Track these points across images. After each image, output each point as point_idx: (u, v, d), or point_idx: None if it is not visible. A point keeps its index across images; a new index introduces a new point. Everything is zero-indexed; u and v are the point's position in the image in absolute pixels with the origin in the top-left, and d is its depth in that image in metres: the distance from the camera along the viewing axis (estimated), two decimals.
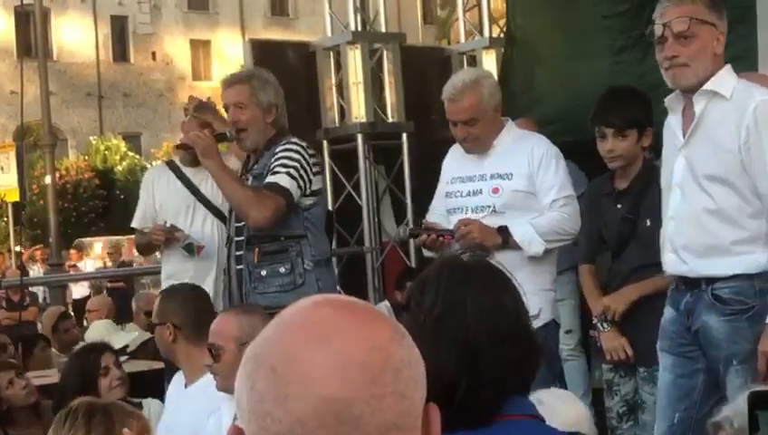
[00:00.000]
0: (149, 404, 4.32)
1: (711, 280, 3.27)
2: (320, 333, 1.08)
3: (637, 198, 4.01)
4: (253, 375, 1.09)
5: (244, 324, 3.33)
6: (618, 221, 4.08)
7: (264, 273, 4.20)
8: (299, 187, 4.18)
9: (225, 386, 3.32)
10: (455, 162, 4.25)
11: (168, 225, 4.91)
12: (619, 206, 4.09)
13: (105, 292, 14.87)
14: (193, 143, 4.37)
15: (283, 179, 4.14)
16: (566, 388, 3.84)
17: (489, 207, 4.01)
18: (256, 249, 4.22)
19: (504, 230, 3.94)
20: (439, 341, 1.15)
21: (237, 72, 4.61)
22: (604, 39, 5.92)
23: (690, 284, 3.35)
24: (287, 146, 4.23)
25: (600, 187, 4.24)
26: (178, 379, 3.95)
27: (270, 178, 4.16)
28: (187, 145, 4.48)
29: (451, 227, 4.04)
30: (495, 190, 4.02)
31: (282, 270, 4.19)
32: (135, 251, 27.91)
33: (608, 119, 4.04)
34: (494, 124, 4.07)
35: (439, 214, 4.22)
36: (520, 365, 1.79)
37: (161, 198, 5.03)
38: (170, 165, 5.17)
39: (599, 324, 4.06)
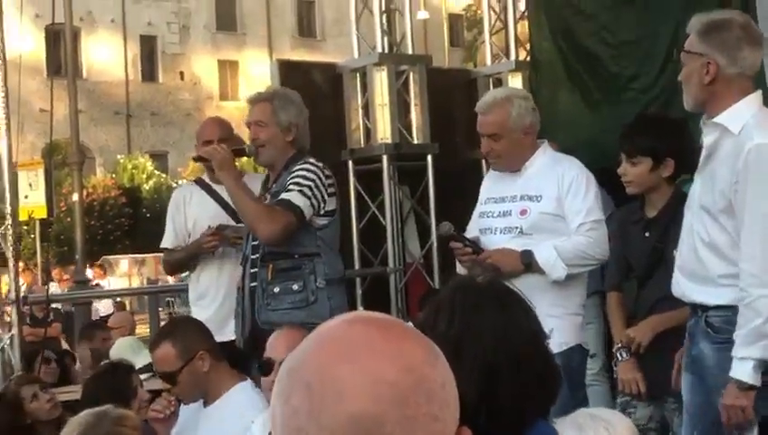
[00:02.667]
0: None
1: (705, 307, 3.29)
2: (353, 350, 1.09)
3: (665, 227, 3.96)
4: (287, 390, 1.10)
5: (299, 339, 3.32)
6: (645, 250, 4.05)
7: (276, 290, 4.22)
8: (311, 205, 4.22)
9: None
10: (491, 182, 4.25)
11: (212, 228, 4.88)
12: (647, 234, 4.07)
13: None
14: (210, 156, 4.41)
15: (295, 197, 4.19)
16: None
17: (516, 228, 4.00)
18: (270, 266, 4.25)
19: (527, 254, 3.93)
20: (457, 366, 1.14)
21: (262, 91, 4.66)
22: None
23: (692, 307, 3.38)
24: (303, 165, 4.29)
25: (630, 214, 4.22)
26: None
27: (283, 195, 4.21)
28: (205, 158, 4.50)
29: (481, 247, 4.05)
30: (523, 212, 4.00)
31: (294, 287, 4.21)
32: (161, 269, 27.93)
33: (622, 143, 4.07)
34: (521, 145, 4.04)
35: (472, 236, 4.22)
36: (539, 388, 1.77)
37: (194, 216, 5.01)
38: (199, 183, 5.17)
39: (618, 353, 4.04)
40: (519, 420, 1.72)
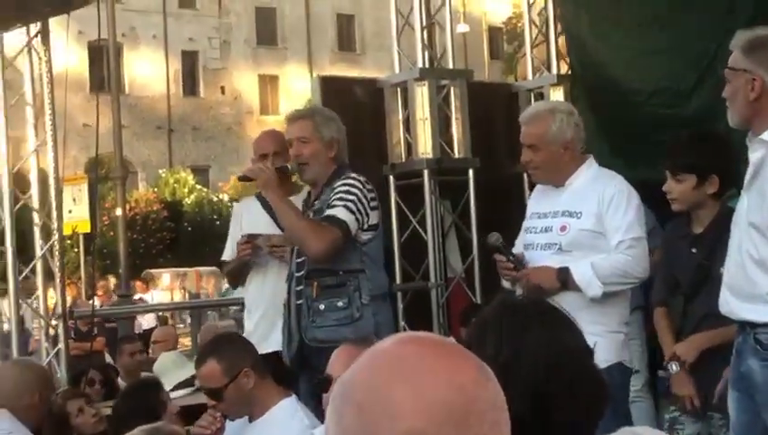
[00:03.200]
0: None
1: (753, 324, 3.25)
2: (405, 371, 1.10)
3: (712, 243, 3.92)
4: (340, 410, 1.11)
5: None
6: (692, 266, 4.02)
7: (322, 307, 4.24)
8: (356, 220, 4.24)
9: None
10: (537, 197, 4.26)
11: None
12: (693, 250, 4.04)
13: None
14: (254, 175, 4.45)
15: (340, 212, 4.21)
16: None
17: (556, 244, 3.99)
18: (315, 283, 4.27)
19: (563, 271, 3.91)
20: (508, 388, 1.15)
21: (300, 109, 4.73)
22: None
23: (740, 325, 3.35)
24: (346, 181, 4.31)
25: (677, 229, 4.19)
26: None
27: (328, 212, 4.23)
28: (249, 177, 4.53)
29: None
30: (563, 228, 3.99)
31: (339, 304, 4.23)
32: (202, 283, 27.98)
33: (666, 160, 4.05)
34: (559, 158, 4.03)
35: (519, 252, 4.21)
36: (590, 404, 1.77)
37: (247, 229, 5.02)
38: (259, 197, 5.14)
39: (669, 366, 4.01)
40: None
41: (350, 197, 4.25)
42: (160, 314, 16.57)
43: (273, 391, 3.81)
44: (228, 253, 5.15)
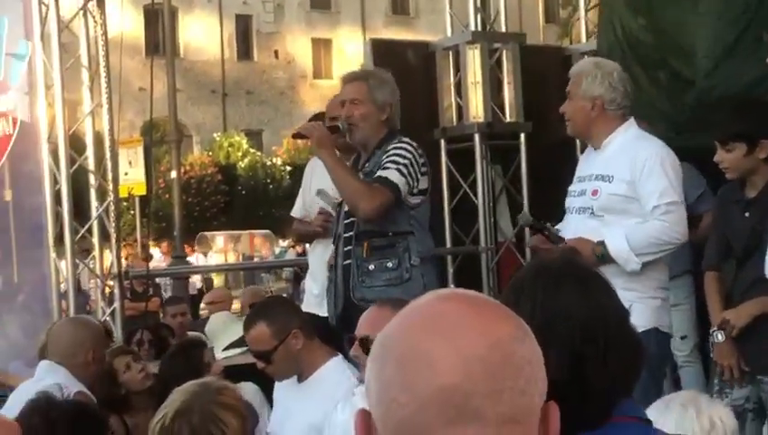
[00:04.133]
0: (245, 387, 4.41)
1: None
2: (443, 327, 1.13)
3: (766, 207, 3.90)
4: (381, 362, 1.15)
5: (388, 318, 3.37)
6: (745, 230, 3.99)
7: (371, 267, 4.28)
8: (407, 183, 4.27)
9: None
10: (581, 160, 4.28)
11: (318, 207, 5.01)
12: (747, 214, 4.00)
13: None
14: (308, 133, 4.47)
15: (393, 175, 4.24)
16: None
17: (588, 208, 3.98)
18: (365, 244, 4.31)
19: (600, 245, 3.88)
20: (545, 350, 1.17)
21: (356, 70, 4.74)
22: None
23: None
24: (399, 145, 4.33)
25: (731, 193, 4.15)
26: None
27: (380, 173, 4.26)
28: (303, 134, 4.56)
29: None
30: (594, 192, 3.98)
31: (389, 265, 4.27)
32: (256, 246, 28.18)
33: (714, 132, 4.01)
34: (586, 114, 4.03)
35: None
36: (626, 368, 1.78)
37: (317, 185, 5.05)
38: None
39: (714, 335, 3.99)
40: (609, 399, 1.73)
41: (403, 160, 4.28)
42: (206, 276, 16.72)
43: (321, 352, 3.87)
44: (298, 209, 5.30)
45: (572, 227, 4.03)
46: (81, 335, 4.34)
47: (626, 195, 3.90)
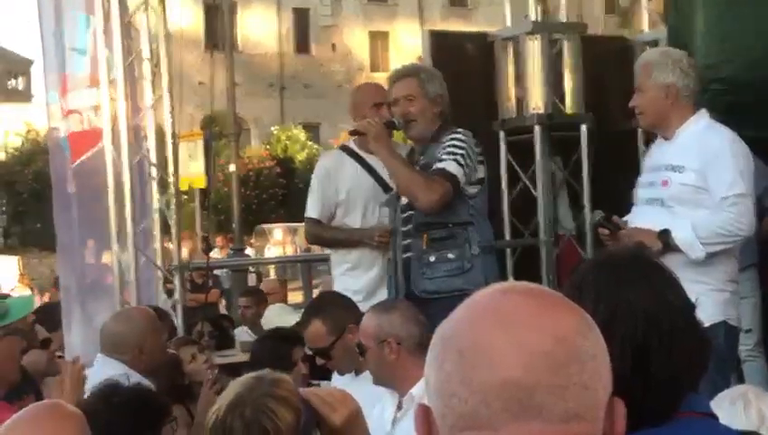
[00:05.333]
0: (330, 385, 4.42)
1: None
2: (507, 320, 1.11)
3: None
4: (441, 356, 1.13)
5: (382, 322, 3.41)
6: None
7: (432, 258, 4.29)
8: (465, 174, 4.29)
9: (377, 380, 3.41)
10: (651, 151, 4.24)
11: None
12: None
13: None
14: (365, 130, 4.50)
15: (450, 166, 4.26)
16: None
17: (658, 199, 3.94)
18: (425, 236, 4.32)
19: (664, 233, 3.83)
20: (608, 345, 1.15)
21: (403, 67, 4.75)
22: None
23: None
24: (455, 135, 4.36)
25: None
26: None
27: (438, 165, 4.28)
28: (360, 131, 4.58)
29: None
30: (665, 183, 3.93)
31: (450, 256, 4.27)
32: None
33: None
34: (658, 105, 3.97)
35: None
36: (692, 361, 1.74)
37: (347, 188, 4.95)
38: (347, 150, 5.09)
39: None
40: (674, 393, 1.70)
41: (459, 151, 4.29)
42: (253, 270, 16.70)
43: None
44: (317, 210, 4.97)
45: (641, 218, 3.98)
46: (124, 331, 4.25)
47: (696, 185, 3.84)
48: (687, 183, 3.86)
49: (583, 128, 7.24)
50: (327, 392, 2.47)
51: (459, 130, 4.40)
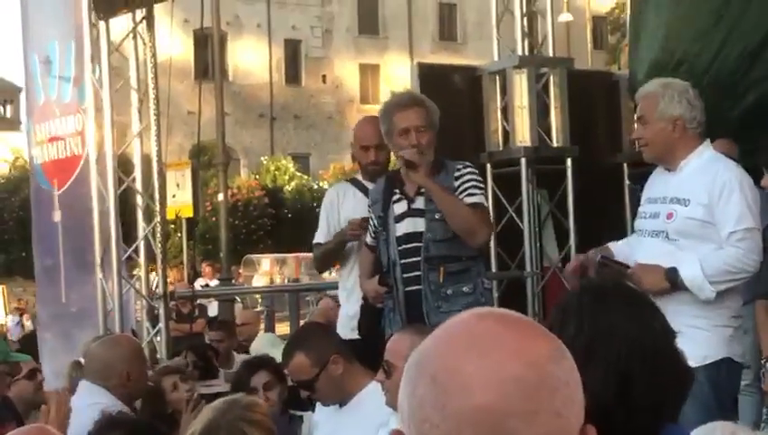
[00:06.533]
0: (309, 418, 4.41)
1: None
2: (480, 345, 1.11)
3: None
4: (414, 381, 1.12)
5: (417, 344, 3.36)
6: None
7: (449, 292, 4.27)
8: None
9: (394, 402, 3.37)
10: (651, 181, 4.16)
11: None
12: None
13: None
14: (419, 162, 4.29)
15: (483, 201, 4.36)
16: None
17: (663, 232, 3.90)
18: (441, 269, 4.28)
19: (673, 271, 3.77)
20: (591, 369, 1.15)
21: (412, 94, 4.70)
22: None
23: None
24: (470, 169, 4.40)
25: None
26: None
27: (473, 199, 4.30)
28: (415, 163, 4.32)
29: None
30: (669, 215, 3.88)
31: (465, 289, 4.28)
32: (301, 269, 28.11)
33: (760, 156, 3.94)
34: (667, 136, 3.91)
35: (632, 240, 4.16)
36: (673, 387, 1.75)
37: (348, 214, 5.00)
38: (354, 182, 5.18)
39: (766, 365, 3.90)
40: (654, 421, 1.71)
41: (481, 184, 4.40)
42: (240, 299, 16.73)
43: (361, 375, 3.85)
44: (323, 236, 5.12)
45: (645, 251, 3.95)
46: (112, 356, 4.28)
47: (703, 219, 3.79)
48: (694, 217, 3.82)
49: (569, 161, 7.27)
50: None
51: (468, 163, 4.45)
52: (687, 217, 3.82)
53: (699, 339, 3.66)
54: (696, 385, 3.78)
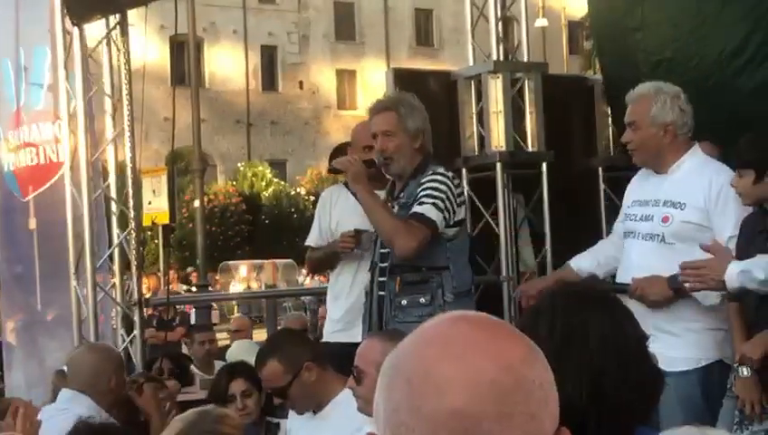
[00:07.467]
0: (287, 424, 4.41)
1: None
2: (454, 348, 1.11)
3: None
4: (389, 385, 1.13)
5: (387, 350, 3.34)
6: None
7: (404, 302, 4.19)
8: (444, 218, 4.17)
9: (366, 409, 3.36)
10: (638, 184, 4.17)
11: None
12: None
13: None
14: (344, 168, 4.40)
15: (429, 211, 4.13)
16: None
17: (658, 235, 3.90)
18: (398, 278, 4.22)
19: (674, 279, 3.77)
20: (563, 368, 1.15)
21: (385, 99, 4.60)
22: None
23: None
24: (434, 177, 4.23)
25: (755, 223, 4.09)
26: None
27: (417, 208, 4.15)
28: (339, 169, 4.48)
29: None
30: (665, 219, 3.89)
31: (422, 301, 4.16)
32: (278, 275, 28.12)
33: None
34: (658, 141, 3.94)
35: (613, 241, 4.13)
36: (645, 389, 1.76)
37: (338, 217, 4.99)
38: (347, 185, 5.07)
39: (738, 369, 3.92)
40: (629, 420, 1.72)
41: (439, 194, 4.16)
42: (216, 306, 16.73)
43: (336, 382, 3.83)
44: (314, 238, 5.09)
45: (638, 253, 3.95)
46: (101, 363, 4.34)
47: (699, 223, 3.82)
48: (690, 220, 3.83)
49: (544, 166, 7.29)
50: None
51: (440, 170, 4.27)
52: (683, 220, 3.85)
53: (694, 342, 3.70)
54: (689, 387, 3.82)
